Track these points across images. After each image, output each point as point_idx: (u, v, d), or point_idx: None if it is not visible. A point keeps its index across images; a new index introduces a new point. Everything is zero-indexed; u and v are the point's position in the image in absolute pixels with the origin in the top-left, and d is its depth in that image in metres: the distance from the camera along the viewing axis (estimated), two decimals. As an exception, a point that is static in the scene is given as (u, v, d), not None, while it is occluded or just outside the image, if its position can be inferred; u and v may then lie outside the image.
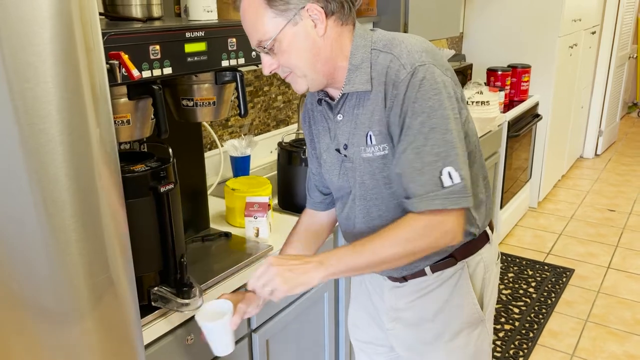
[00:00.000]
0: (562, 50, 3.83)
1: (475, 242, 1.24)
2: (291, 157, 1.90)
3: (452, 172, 1.04)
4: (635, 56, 5.91)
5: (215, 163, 2.04)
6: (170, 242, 1.20)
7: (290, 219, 1.74)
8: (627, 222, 3.80)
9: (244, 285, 1.45)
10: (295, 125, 2.42)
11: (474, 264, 1.26)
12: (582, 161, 5.10)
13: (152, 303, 1.22)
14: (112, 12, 1.27)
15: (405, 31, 2.41)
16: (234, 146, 2.07)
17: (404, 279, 1.28)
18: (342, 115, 1.17)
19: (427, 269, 1.24)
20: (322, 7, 1.04)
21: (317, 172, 1.34)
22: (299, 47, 1.06)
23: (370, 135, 1.12)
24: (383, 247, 1.08)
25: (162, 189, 1.15)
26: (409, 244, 1.07)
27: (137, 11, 1.27)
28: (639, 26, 6.08)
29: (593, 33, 4.58)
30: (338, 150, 1.21)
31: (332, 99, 1.18)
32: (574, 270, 3.17)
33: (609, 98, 5.03)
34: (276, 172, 2.04)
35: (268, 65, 1.09)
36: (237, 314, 1.18)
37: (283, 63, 1.08)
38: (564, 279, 3.08)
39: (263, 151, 2.28)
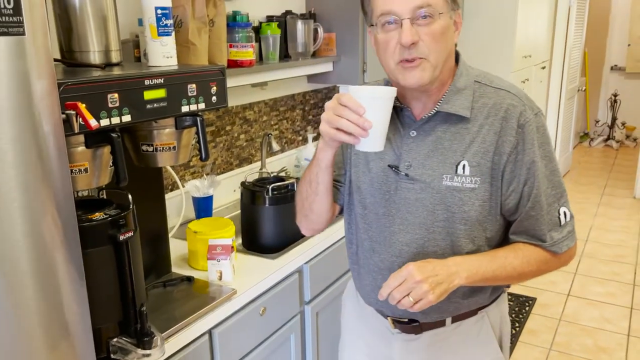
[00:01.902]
0: (515, 85, 3.98)
1: (495, 292, 1.23)
2: (254, 196, 1.90)
3: (566, 211, 1.13)
4: (583, 89, 6.19)
5: (177, 204, 2.02)
6: (130, 291, 1.17)
7: (254, 260, 1.73)
8: (584, 249, 3.92)
9: (209, 331, 1.42)
10: (258, 164, 2.43)
11: (492, 313, 1.23)
12: (539, 190, 5.26)
13: (112, 355, 1.18)
14: (70, 58, 1.26)
15: (364, 71, 2.47)
16: (196, 186, 2.05)
17: (420, 328, 1.21)
18: (415, 132, 1.12)
19: (448, 320, 1.19)
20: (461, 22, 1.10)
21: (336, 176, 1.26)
22: (446, 37, 1.05)
23: (464, 165, 1.08)
24: (522, 264, 1.11)
25: (122, 237, 1.13)
26: (544, 265, 1.14)
27: (95, 57, 1.26)
28: (587, 60, 6.40)
29: (543, 68, 4.79)
30: (394, 168, 1.13)
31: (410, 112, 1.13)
32: (535, 298, 3.23)
33: (561, 129, 5.23)
34: (240, 211, 2.03)
35: (413, 34, 1.01)
36: None
37: (426, 42, 1.02)
38: (527, 308, 3.13)
39: (226, 190, 2.27)
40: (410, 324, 1.20)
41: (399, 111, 1.13)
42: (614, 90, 6.85)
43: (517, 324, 2.97)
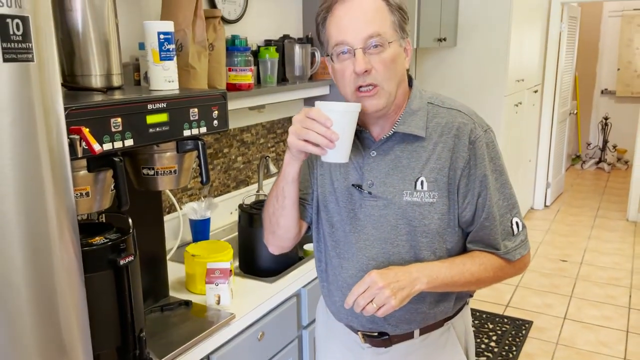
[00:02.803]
0: (509, 108, 4.03)
1: (458, 302, 1.27)
2: (252, 219, 1.89)
3: (518, 222, 1.19)
4: (575, 112, 6.27)
5: (174, 227, 2.01)
6: (130, 316, 1.16)
7: (252, 284, 1.71)
8: (579, 272, 3.92)
9: (207, 356, 1.40)
10: (255, 186, 2.42)
11: (457, 324, 1.28)
12: (533, 212, 5.28)
13: (109, 382, 1.16)
14: (72, 82, 1.26)
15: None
16: (194, 209, 2.04)
17: (390, 342, 1.24)
18: (375, 152, 1.17)
19: (416, 332, 1.23)
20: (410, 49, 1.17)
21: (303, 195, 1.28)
22: (397, 64, 1.11)
23: (422, 181, 1.14)
24: (479, 270, 1.15)
25: (122, 262, 1.12)
26: (500, 271, 1.18)
27: (97, 81, 1.27)
28: (577, 84, 6.50)
29: (535, 92, 4.85)
30: (358, 187, 1.18)
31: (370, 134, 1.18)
32: (532, 322, 3.22)
33: (554, 151, 5.28)
34: (237, 233, 2.02)
35: (366, 62, 1.06)
36: None
37: (378, 69, 1.08)
38: (524, 331, 3.11)
39: (223, 212, 2.26)
40: (380, 338, 1.24)
41: (359, 134, 1.18)
42: (604, 113, 6.94)
43: (514, 348, 2.95)
